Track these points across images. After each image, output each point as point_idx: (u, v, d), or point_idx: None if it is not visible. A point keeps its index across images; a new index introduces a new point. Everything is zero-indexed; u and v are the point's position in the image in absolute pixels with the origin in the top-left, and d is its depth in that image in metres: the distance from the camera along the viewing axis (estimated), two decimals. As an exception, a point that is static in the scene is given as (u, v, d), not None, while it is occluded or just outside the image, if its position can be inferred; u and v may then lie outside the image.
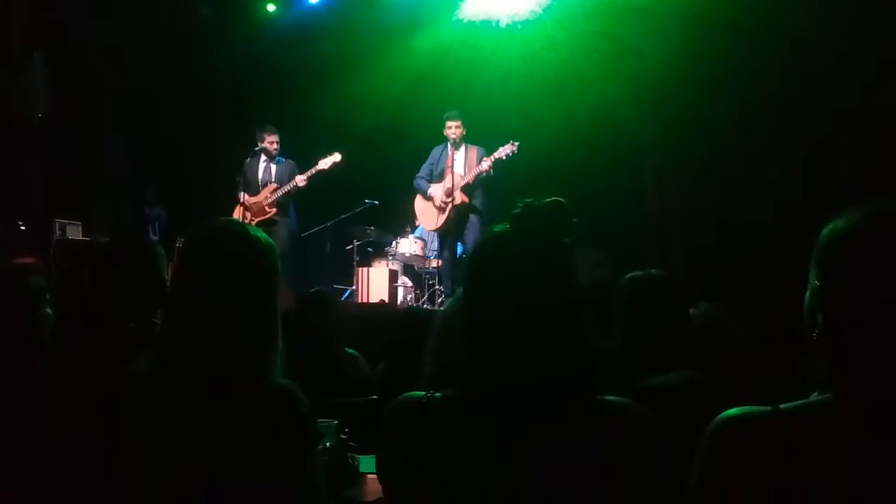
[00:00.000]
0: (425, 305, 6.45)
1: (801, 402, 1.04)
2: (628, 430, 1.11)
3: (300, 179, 6.31)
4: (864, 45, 4.85)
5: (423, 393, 1.19)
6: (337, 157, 6.33)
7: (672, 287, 2.02)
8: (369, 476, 1.85)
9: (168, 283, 2.03)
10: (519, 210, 1.20)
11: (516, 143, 5.78)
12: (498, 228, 1.23)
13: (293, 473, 1.27)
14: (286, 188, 6.36)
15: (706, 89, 5.58)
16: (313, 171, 6.32)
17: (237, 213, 6.28)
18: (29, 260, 3.51)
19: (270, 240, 1.45)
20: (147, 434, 1.26)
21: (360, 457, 1.95)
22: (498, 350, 1.15)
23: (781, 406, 1.04)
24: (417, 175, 6.29)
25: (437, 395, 1.18)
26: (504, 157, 5.80)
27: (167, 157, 7.56)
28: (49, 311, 2.21)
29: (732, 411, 1.07)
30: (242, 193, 6.41)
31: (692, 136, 5.77)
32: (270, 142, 6.49)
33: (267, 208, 6.38)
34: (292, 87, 7.48)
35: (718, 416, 1.07)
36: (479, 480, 1.10)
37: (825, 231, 1.07)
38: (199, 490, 1.22)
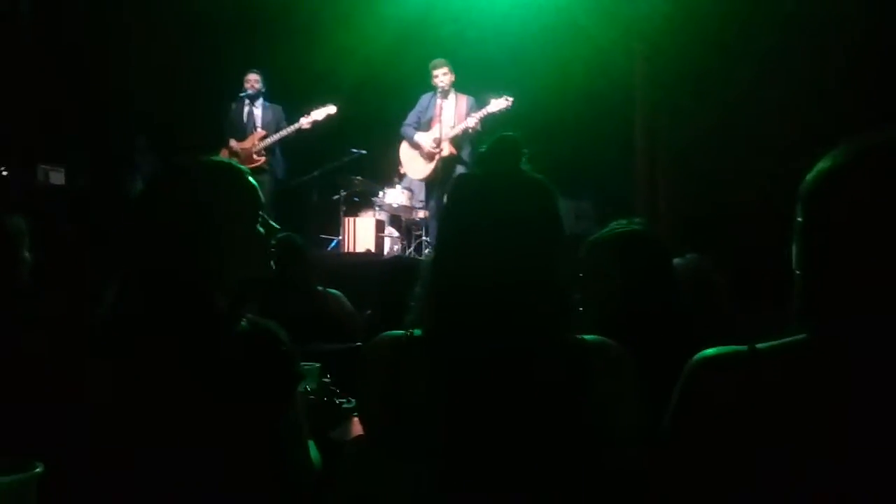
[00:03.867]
0: (412, 255, 6.44)
1: (777, 342, 1.03)
2: (605, 366, 1.11)
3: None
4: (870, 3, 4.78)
5: (402, 332, 1.19)
6: (332, 108, 6.23)
7: (655, 243, 1.99)
8: (354, 417, 1.85)
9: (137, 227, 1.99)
10: (480, 151, 1.26)
11: (510, 99, 5.68)
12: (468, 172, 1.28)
13: (276, 414, 1.26)
14: (277, 136, 6.26)
15: (701, 41, 5.49)
16: (312, 118, 6.21)
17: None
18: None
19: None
20: (119, 380, 1.23)
21: (345, 399, 1.95)
22: (473, 285, 1.16)
23: (758, 346, 1.03)
24: (404, 122, 6.21)
25: (416, 332, 1.18)
26: (497, 113, 5.71)
27: (151, 105, 7.42)
28: (27, 254, 2.17)
29: (709, 351, 1.06)
30: (229, 139, 6.33)
31: (685, 90, 5.71)
32: (250, 81, 6.38)
33: (255, 156, 6.29)
34: (280, 34, 7.31)
35: (694, 357, 1.07)
36: (456, 417, 1.10)
37: (811, 172, 1.05)
38: (177, 434, 1.21)
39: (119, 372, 1.23)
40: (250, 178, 1.41)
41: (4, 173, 6.23)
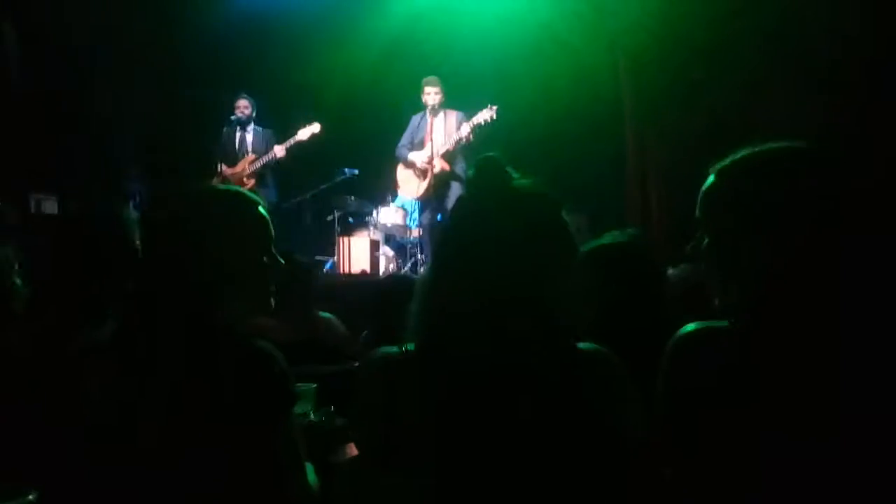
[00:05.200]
0: (408, 274, 6.42)
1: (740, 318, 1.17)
2: (601, 375, 1.11)
3: (279, 150, 6.22)
4: (861, 11, 4.81)
5: (397, 348, 1.19)
6: (316, 127, 6.24)
7: (642, 255, 1.98)
8: (353, 442, 1.83)
9: (140, 251, 1.99)
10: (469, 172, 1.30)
11: (494, 108, 5.74)
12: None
13: (271, 434, 1.25)
14: (264, 159, 6.28)
15: (687, 55, 5.53)
16: (292, 141, 6.24)
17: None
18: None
19: (253, 198, 1.45)
20: (112, 401, 1.23)
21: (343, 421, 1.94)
22: (466, 310, 1.16)
23: (731, 321, 1.17)
24: (399, 144, 6.24)
25: (411, 346, 1.18)
26: (483, 123, 5.75)
27: (140, 129, 7.42)
28: (18, 281, 2.15)
29: (690, 326, 1.19)
30: (220, 164, 6.33)
31: (673, 103, 5.74)
32: (240, 107, 6.40)
33: (245, 179, 6.30)
34: (266, 53, 7.34)
35: (678, 332, 1.19)
36: (451, 433, 1.10)
37: (721, 173, 1.23)
38: (173, 453, 1.20)
39: (115, 392, 1.23)
40: (261, 210, 1.42)
41: (-3, 204, 6.21)
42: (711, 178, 1.23)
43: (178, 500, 1.19)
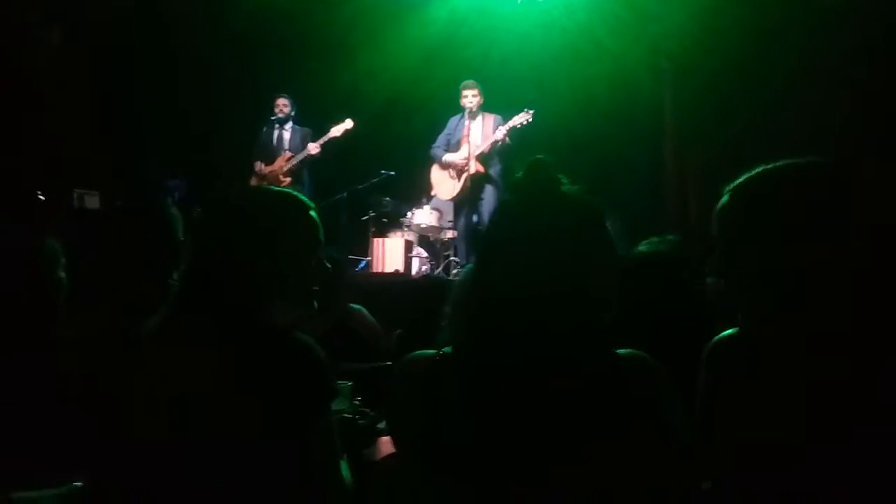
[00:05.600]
0: (441, 275, 6.44)
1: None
2: (643, 382, 1.10)
3: (312, 147, 6.28)
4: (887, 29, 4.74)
5: (434, 351, 1.20)
6: (349, 123, 6.28)
7: (682, 263, 1.96)
8: (384, 438, 1.85)
9: (183, 247, 2.03)
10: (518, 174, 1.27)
11: (531, 112, 5.73)
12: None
13: (309, 428, 1.28)
14: (300, 157, 6.34)
15: (729, 60, 5.47)
16: (325, 138, 6.29)
17: (252, 183, 6.28)
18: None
19: (297, 197, 1.48)
20: (159, 392, 1.26)
21: (375, 418, 1.95)
22: (507, 310, 1.16)
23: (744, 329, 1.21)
24: (434, 145, 6.26)
25: (447, 350, 1.18)
26: (519, 126, 5.75)
27: (181, 129, 7.55)
28: (63, 275, 2.20)
29: (726, 332, 1.24)
30: (258, 163, 6.41)
31: (712, 108, 5.68)
32: (279, 106, 6.47)
33: (282, 177, 6.36)
34: (308, 57, 7.42)
35: (714, 338, 1.24)
36: (489, 435, 1.10)
37: (736, 191, 1.27)
38: (215, 444, 1.23)
39: (162, 384, 1.26)
40: (313, 214, 1.45)
41: (41, 197, 6.37)
42: (725, 197, 1.29)
43: (220, 490, 1.21)
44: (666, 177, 6.32)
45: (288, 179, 6.36)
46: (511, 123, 5.78)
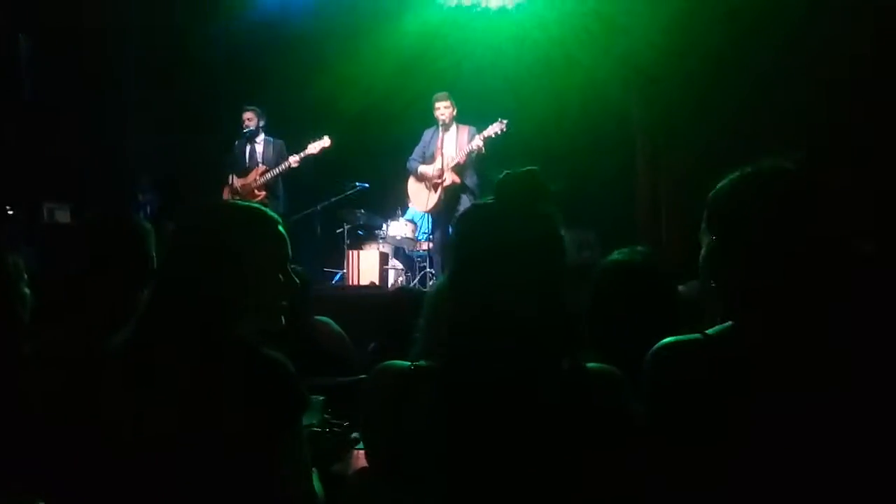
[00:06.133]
0: (417, 287, 6.43)
1: (718, 327, 1.23)
2: (612, 395, 1.11)
3: (293, 160, 6.25)
4: (864, 22, 4.84)
5: (408, 363, 1.19)
6: (326, 141, 6.27)
7: (653, 273, 1.97)
8: (356, 451, 1.84)
9: (156, 261, 2.01)
10: (499, 179, 1.24)
11: (505, 122, 5.78)
12: (482, 199, 1.28)
13: (280, 441, 1.27)
14: (276, 171, 6.31)
15: (698, 70, 5.55)
16: (304, 153, 6.27)
17: (225, 196, 6.24)
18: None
19: (267, 213, 1.47)
20: (126, 408, 1.24)
21: (346, 431, 1.94)
22: (479, 322, 1.16)
23: (708, 332, 1.22)
24: (410, 157, 6.28)
25: (422, 363, 1.18)
26: (493, 136, 5.78)
27: (153, 142, 7.49)
28: (27, 290, 2.16)
29: (667, 340, 1.23)
30: (232, 176, 6.36)
31: (684, 119, 5.75)
32: (246, 120, 6.45)
33: (256, 191, 6.33)
34: (280, 68, 7.41)
35: (656, 345, 1.23)
36: (462, 448, 1.10)
37: (714, 193, 1.30)
38: (183, 460, 1.21)
39: (127, 398, 1.24)
40: (280, 228, 1.45)
41: (10, 212, 6.27)
42: (708, 201, 1.33)
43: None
44: (638, 186, 6.38)
45: (262, 193, 6.33)
46: (486, 133, 5.82)
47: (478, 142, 5.84)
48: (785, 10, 5.13)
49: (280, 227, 1.46)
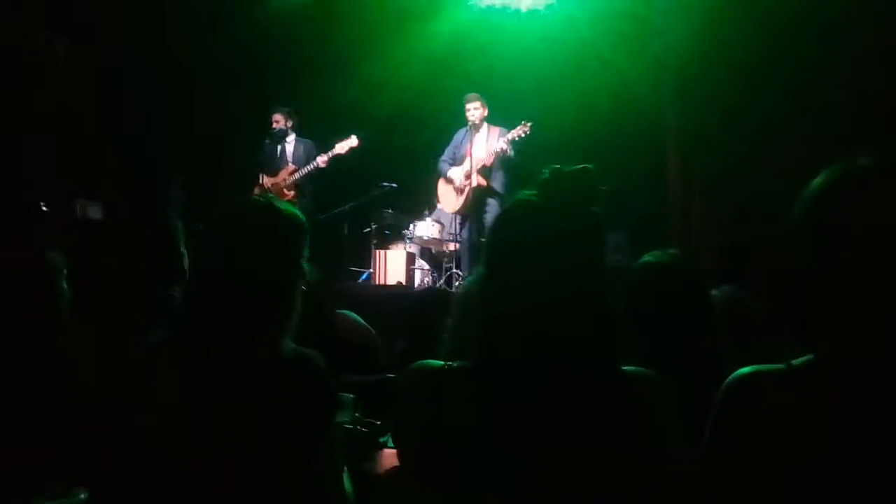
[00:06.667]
0: (443, 288, 6.43)
1: (804, 358, 1.07)
2: (651, 400, 1.09)
3: (321, 160, 6.28)
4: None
5: (442, 362, 1.17)
6: (354, 140, 6.29)
7: (686, 276, 1.94)
8: (385, 450, 1.84)
9: (186, 258, 2.03)
10: (546, 176, 1.18)
11: (528, 124, 5.76)
12: (523, 195, 1.19)
13: (314, 439, 1.27)
14: (305, 170, 6.35)
15: (732, 73, 5.48)
16: (332, 153, 6.30)
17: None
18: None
19: (297, 213, 1.46)
20: (164, 405, 1.26)
21: (376, 430, 1.94)
22: (519, 321, 1.12)
23: (793, 362, 1.07)
24: (441, 158, 6.29)
25: (455, 364, 1.16)
26: (517, 139, 5.77)
27: (185, 141, 7.57)
28: (65, 286, 2.20)
29: (745, 369, 1.09)
30: (261, 175, 6.42)
31: (716, 121, 5.68)
32: (275, 121, 6.50)
33: (285, 190, 6.38)
34: (313, 69, 7.45)
35: (732, 374, 1.10)
36: (497, 451, 1.08)
37: (804, 197, 1.10)
38: (217, 460, 1.22)
39: (168, 395, 1.25)
40: (299, 225, 1.44)
41: (44, 208, 6.38)
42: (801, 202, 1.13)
43: (222, 503, 1.20)
44: (669, 189, 6.32)
45: (291, 192, 6.38)
46: (510, 136, 5.80)
47: (502, 144, 5.83)
48: (819, 13, 5.05)
49: (298, 224, 1.45)
